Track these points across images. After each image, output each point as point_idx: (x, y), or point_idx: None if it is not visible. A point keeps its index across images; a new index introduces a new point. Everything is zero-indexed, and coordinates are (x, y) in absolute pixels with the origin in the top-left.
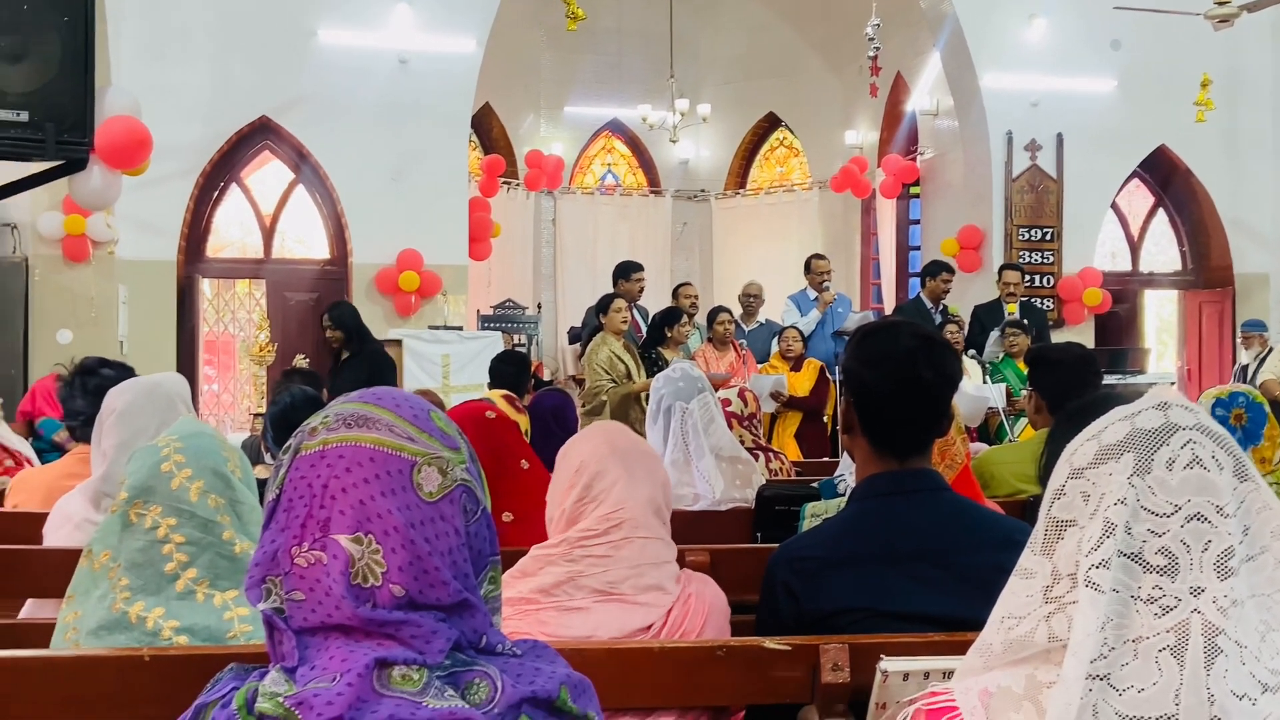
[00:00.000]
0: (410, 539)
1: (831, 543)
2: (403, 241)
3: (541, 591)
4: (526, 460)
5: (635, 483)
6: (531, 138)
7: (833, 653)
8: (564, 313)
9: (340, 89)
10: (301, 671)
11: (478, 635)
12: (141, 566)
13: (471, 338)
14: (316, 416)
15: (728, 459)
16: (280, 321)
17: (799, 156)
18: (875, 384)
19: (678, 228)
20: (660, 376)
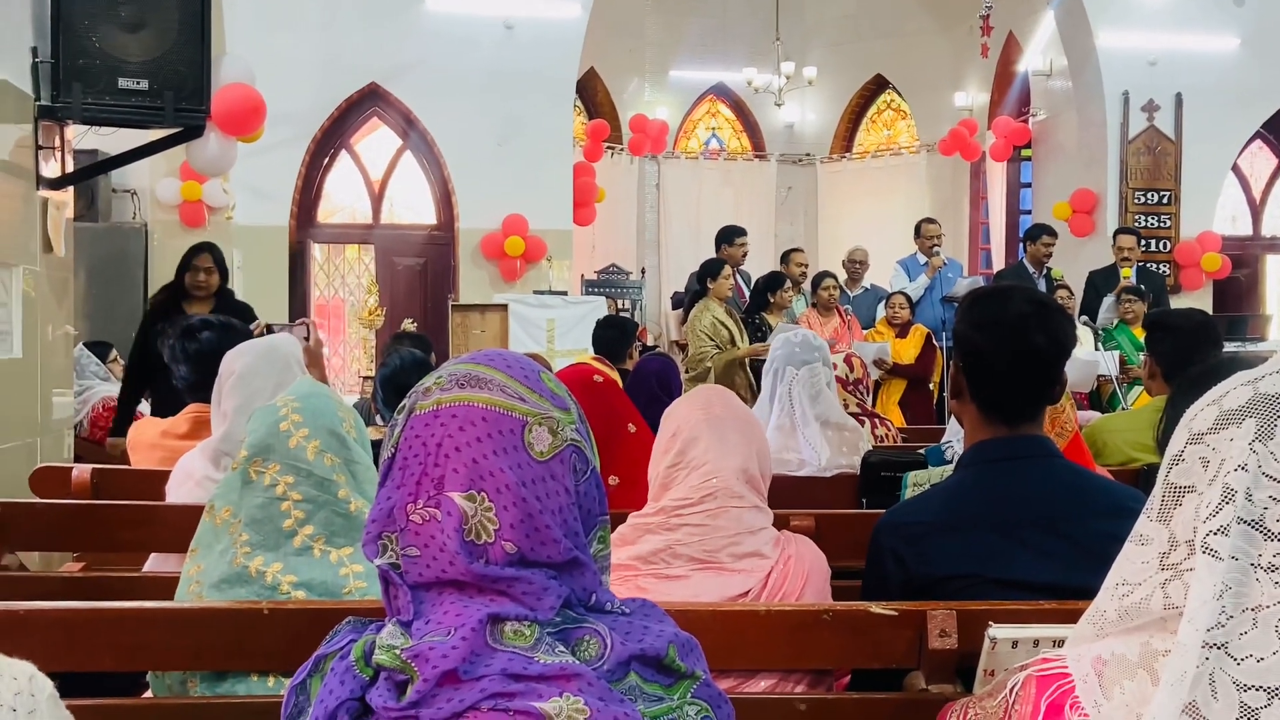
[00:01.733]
0: (522, 497)
1: (940, 508)
2: (508, 207)
3: (640, 559)
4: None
5: (727, 451)
6: (636, 102)
7: (940, 619)
8: (667, 278)
9: (447, 55)
10: (417, 625)
11: (587, 593)
12: (261, 523)
13: (576, 302)
14: (430, 377)
15: (834, 426)
16: (388, 286)
17: (906, 119)
18: (986, 349)
19: (782, 192)
20: (781, 338)
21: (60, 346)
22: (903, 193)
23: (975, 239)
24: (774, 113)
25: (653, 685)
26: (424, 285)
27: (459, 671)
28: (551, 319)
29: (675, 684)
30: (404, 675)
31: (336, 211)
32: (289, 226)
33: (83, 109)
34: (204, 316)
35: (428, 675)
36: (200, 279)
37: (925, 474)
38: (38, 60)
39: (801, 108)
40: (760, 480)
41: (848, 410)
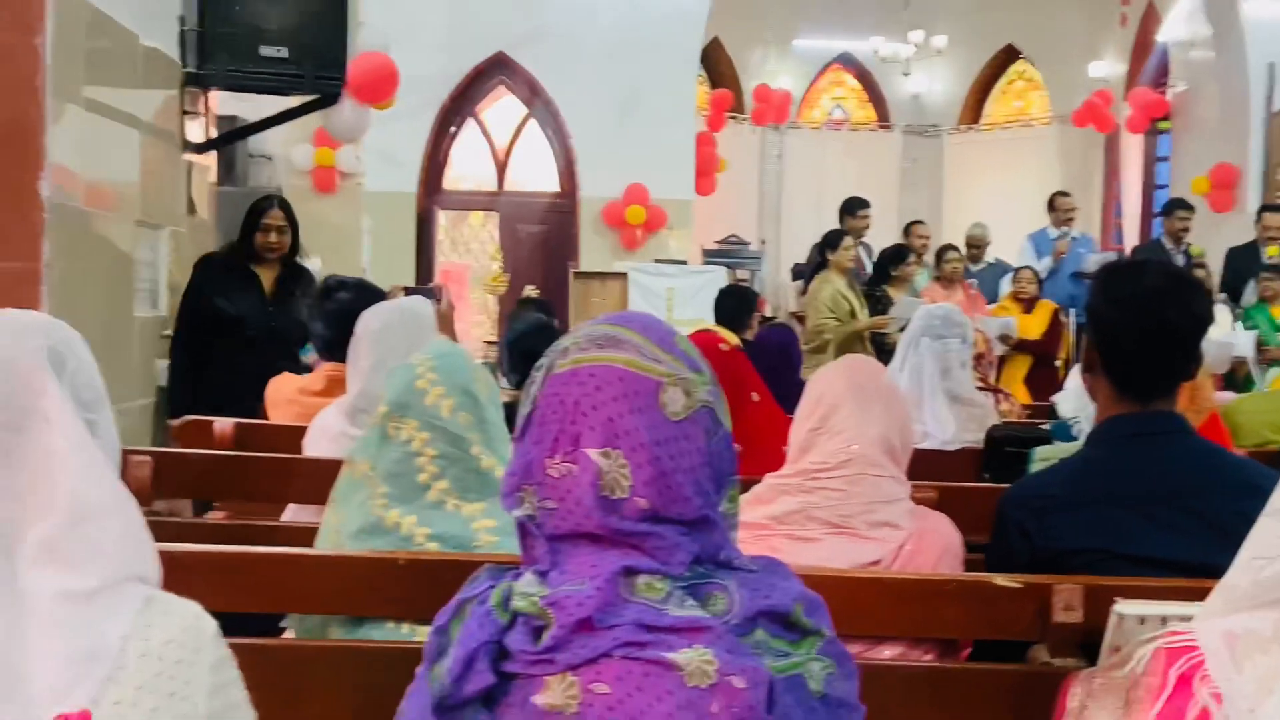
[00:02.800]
0: (656, 455)
1: (1068, 482)
2: (630, 176)
3: (775, 519)
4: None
5: (868, 420)
6: (760, 72)
7: (1065, 593)
8: (787, 249)
9: (573, 24)
10: (553, 575)
11: (717, 550)
12: (397, 477)
13: (696, 272)
14: (568, 337)
15: (962, 401)
16: (511, 252)
17: (1038, 90)
18: (1119, 323)
19: (906, 164)
20: (922, 310)
21: None
22: (1032, 166)
23: (1108, 214)
24: (900, 83)
25: (778, 641)
26: (545, 252)
27: (593, 620)
28: (671, 288)
29: (801, 640)
30: (540, 621)
31: (462, 179)
32: (416, 193)
33: (226, 75)
34: (339, 277)
35: (564, 622)
36: (272, 240)
37: (1052, 449)
38: (184, 28)
39: (929, 78)
40: (900, 452)
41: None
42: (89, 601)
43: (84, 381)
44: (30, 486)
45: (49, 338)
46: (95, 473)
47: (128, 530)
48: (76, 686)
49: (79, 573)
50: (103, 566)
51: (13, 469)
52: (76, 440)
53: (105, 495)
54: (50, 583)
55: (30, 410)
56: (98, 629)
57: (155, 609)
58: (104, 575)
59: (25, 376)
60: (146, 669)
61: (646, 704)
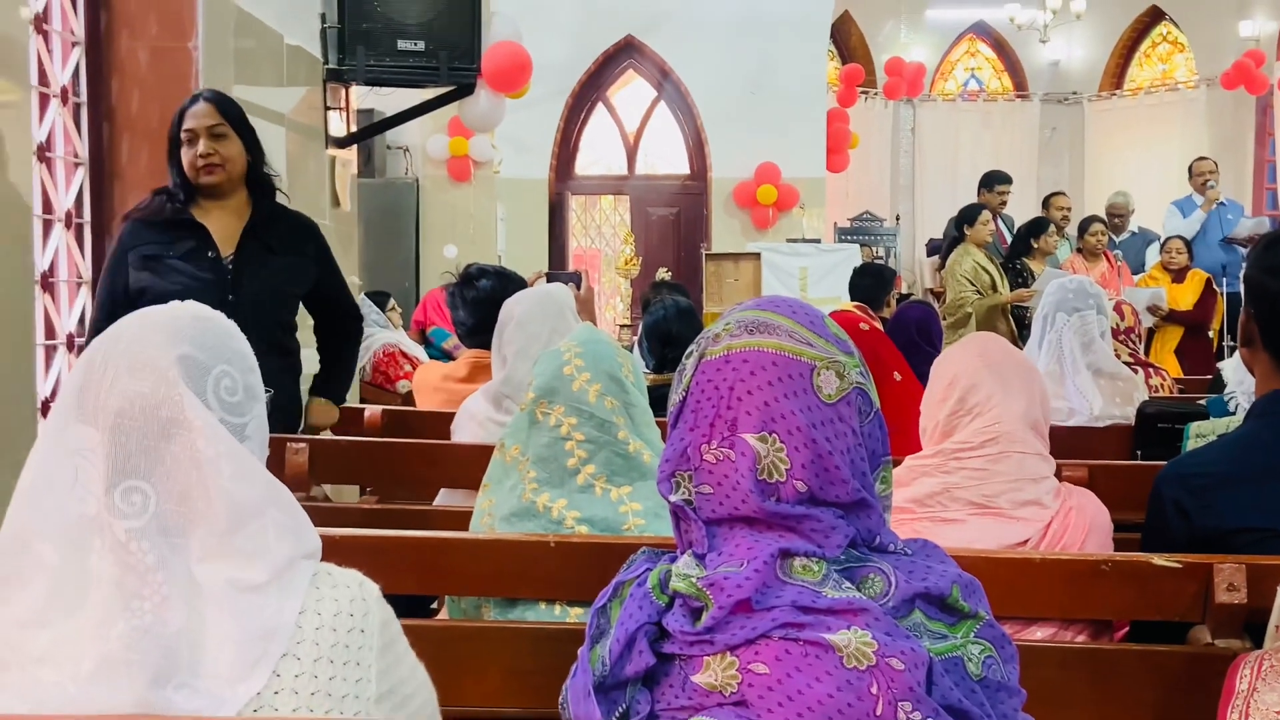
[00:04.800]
0: (812, 438)
1: (1228, 459)
2: (761, 155)
3: (916, 502)
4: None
5: (1010, 396)
6: (891, 44)
7: (1228, 572)
8: (922, 225)
9: (700, 5)
10: (710, 558)
11: (872, 534)
12: (547, 461)
13: (829, 250)
14: (719, 324)
15: (1107, 375)
16: (642, 236)
17: (1184, 52)
18: (1277, 294)
19: (1046, 134)
20: (1055, 283)
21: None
22: (1178, 131)
23: (1261, 178)
24: (1038, 50)
25: (936, 623)
26: (677, 234)
27: (751, 601)
28: (804, 267)
29: (959, 623)
30: (699, 602)
31: (593, 163)
32: (548, 179)
33: (366, 70)
34: (481, 265)
35: (722, 603)
36: (203, 152)
37: (1209, 425)
38: (325, 26)
39: (1068, 44)
40: (1043, 426)
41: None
42: (261, 591)
43: (229, 385)
44: (186, 493)
45: (194, 344)
46: (246, 473)
47: (284, 520)
48: (257, 667)
49: (248, 569)
50: (269, 560)
51: (169, 475)
52: (224, 446)
53: (258, 493)
54: (222, 574)
55: (174, 420)
56: (273, 610)
57: (324, 583)
58: (271, 567)
59: (168, 387)
60: (324, 640)
61: (805, 684)
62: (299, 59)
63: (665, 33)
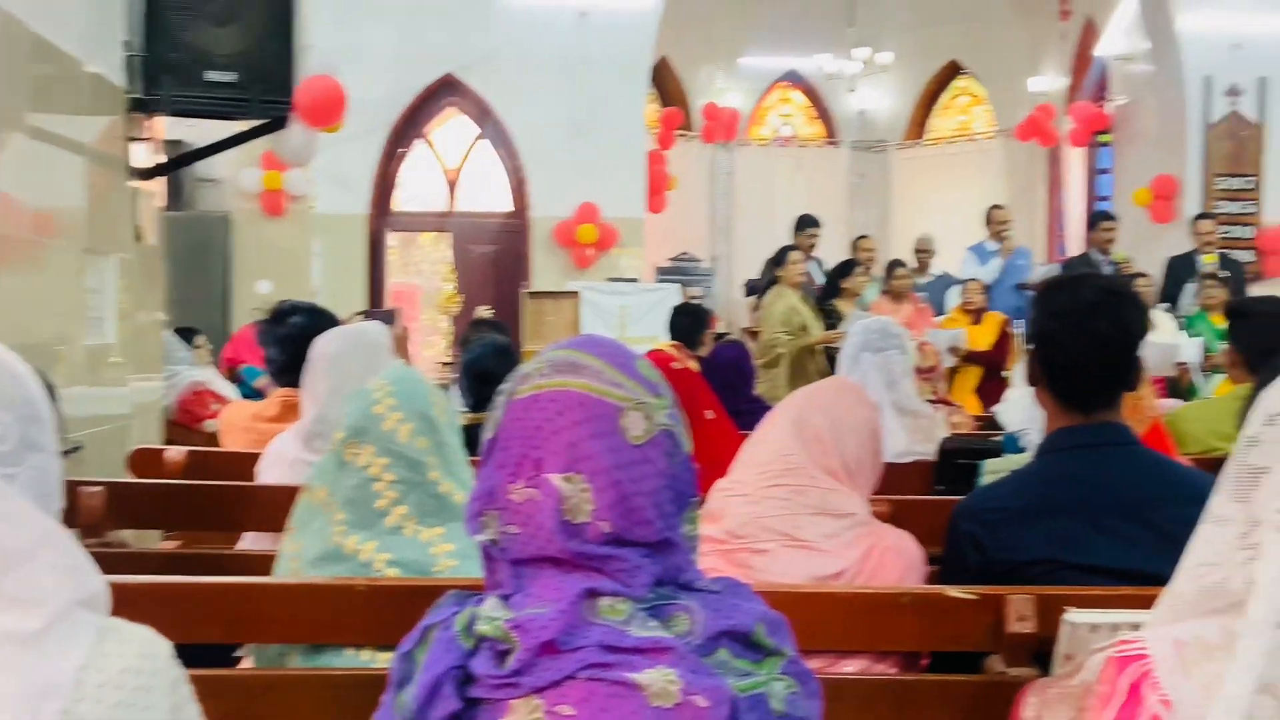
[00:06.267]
0: (617, 479)
1: (1019, 494)
2: (581, 195)
3: (731, 534)
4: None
5: (805, 438)
6: (708, 90)
7: (1018, 603)
8: (739, 265)
9: (522, 44)
10: (516, 599)
11: (678, 572)
12: (356, 503)
13: (648, 289)
14: (531, 363)
15: (910, 413)
16: (462, 273)
17: (982, 104)
18: (1056, 336)
19: (855, 179)
20: (859, 324)
21: (150, 333)
22: (977, 180)
23: (1053, 226)
24: (847, 99)
25: (741, 661)
26: (498, 272)
27: (558, 642)
28: (624, 306)
29: (763, 660)
30: (505, 645)
31: (413, 200)
32: (367, 215)
33: (172, 101)
34: (293, 301)
35: (528, 645)
36: None
37: (1002, 461)
38: (129, 54)
39: (875, 94)
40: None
41: (922, 398)
42: (37, 641)
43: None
44: None
45: None
46: (14, 518)
47: (60, 561)
48: None
49: (22, 617)
50: (45, 606)
51: None
52: None
53: (29, 537)
54: None
55: None
56: (50, 665)
57: (110, 638)
58: (47, 614)
59: None
60: (107, 698)
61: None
62: (100, 88)
63: (486, 71)
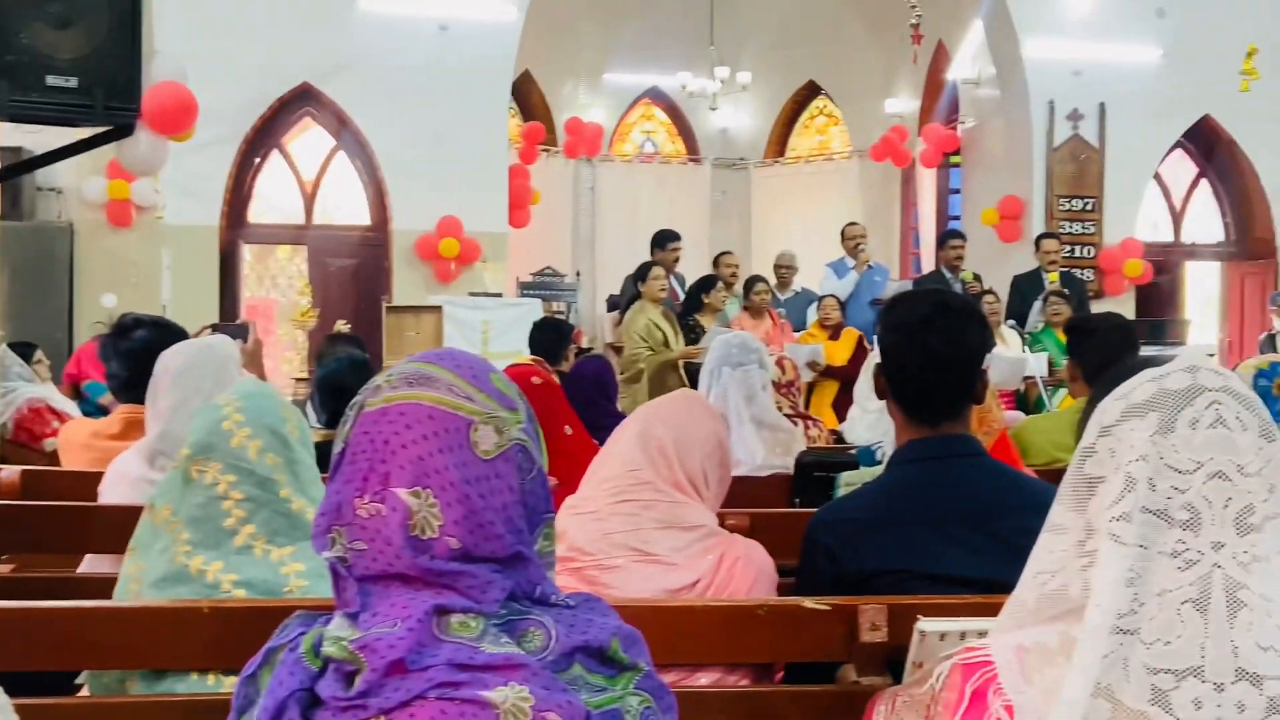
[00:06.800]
0: (466, 494)
1: (871, 506)
2: (443, 208)
3: (579, 550)
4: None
5: (650, 451)
6: (571, 105)
7: (871, 613)
8: (602, 280)
9: (381, 56)
10: (364, 618)
11: (532, 586)
12: (201, 522)
13: (511, 304)
14: (382, 375)
15: (769, 427)
16: (320, 287)
17: (839, 125)
18: (897, 351)
19: (717, 196)
20: (719, 339)
21: None
22: (835, 198)
23: (906, 244)
24: (708, 117)
25: (596, 676)
26: (357, 286)
27: (406, 662)
28: (486, 321)
29: (618, 675)
30: (352, 666)
31: (268, 212)
32: (219, 226)
33: (9, 106)
34: (136, 315)
35: (375, 665)
36: None
37: (857, 474)
38: None
39: (736, 112)
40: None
41: (781, 412)
42: None
43: None
44: None
45: None
46: None
47: None
48: None
49: None
50: None
51: None
52: None
53: None
54: None
55: None
56: None
57: None
58: None
59: None
60: None
61: None
62: None
63: (344, 81)
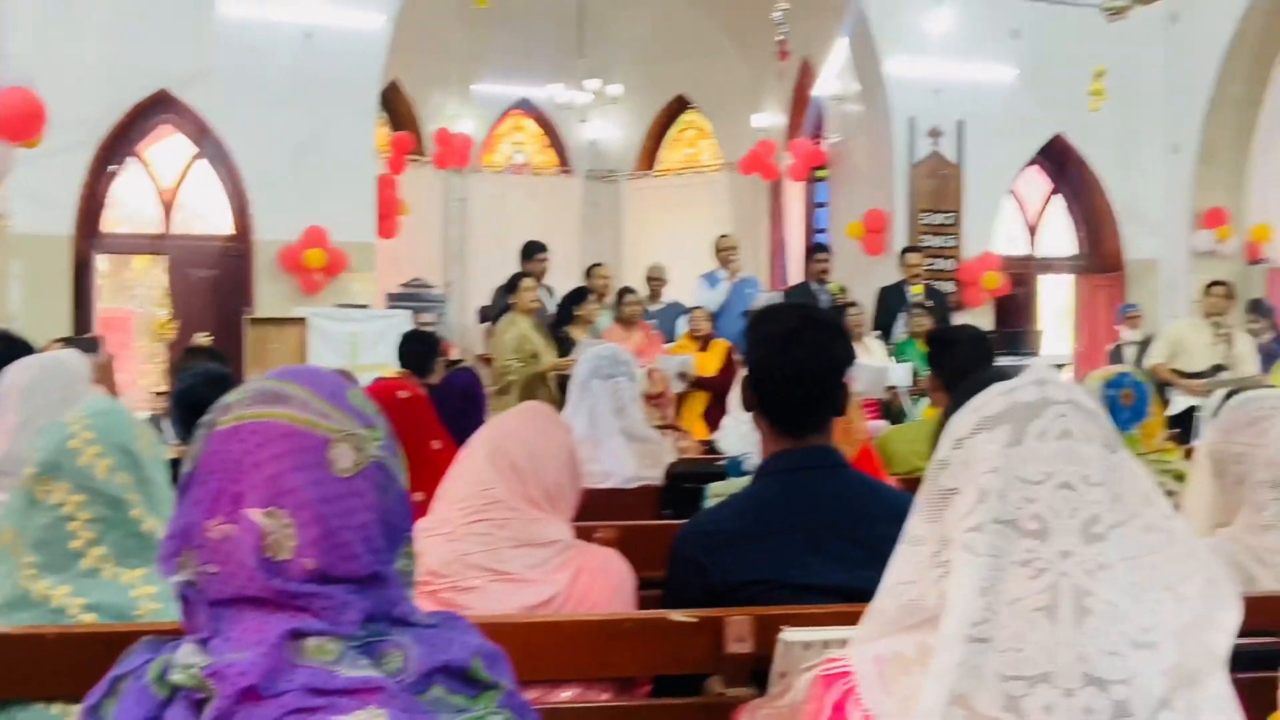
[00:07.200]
0: (322, 513)
1: (737, 517)
2: (308, 218)
3: (434, 574)
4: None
5: (501, 469)
6: (440, 115)
7: (737, 624)
8: (473, 292)
9: (244, 63)
10: (215, 643)
11: (391, 607)
12: (47, 544)
13: (379, 316)
14: (232, 394)
15: (639, 439)
16: (180, 299)
17: (708, 139)
18: (762, 364)
19: (588, 208)
20: (589, 352)
21: None
22: (705, 210)
23: (776, 256)
24: (579, 129)
25: (457, 697)
26: (218, 298)
27: (259, 688)
28: (353, 333)
29: (480, 695)
30: (202, 694)
31: (124, 221)
32: (72, 236)
33: None
34: None
35: (227, 693)
36: None
37: (725, 485)
38: None
39: (606, 125)
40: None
41: (651, 424)
42: None
43: None
44: None
45: None
46: None
47: None
48: None
49: None
50: None
51: None
52: None
53: None
54: None
55: None
56: None
57: None
58: None
59: None
60: None
61: None
62: None
63: (205, 88)
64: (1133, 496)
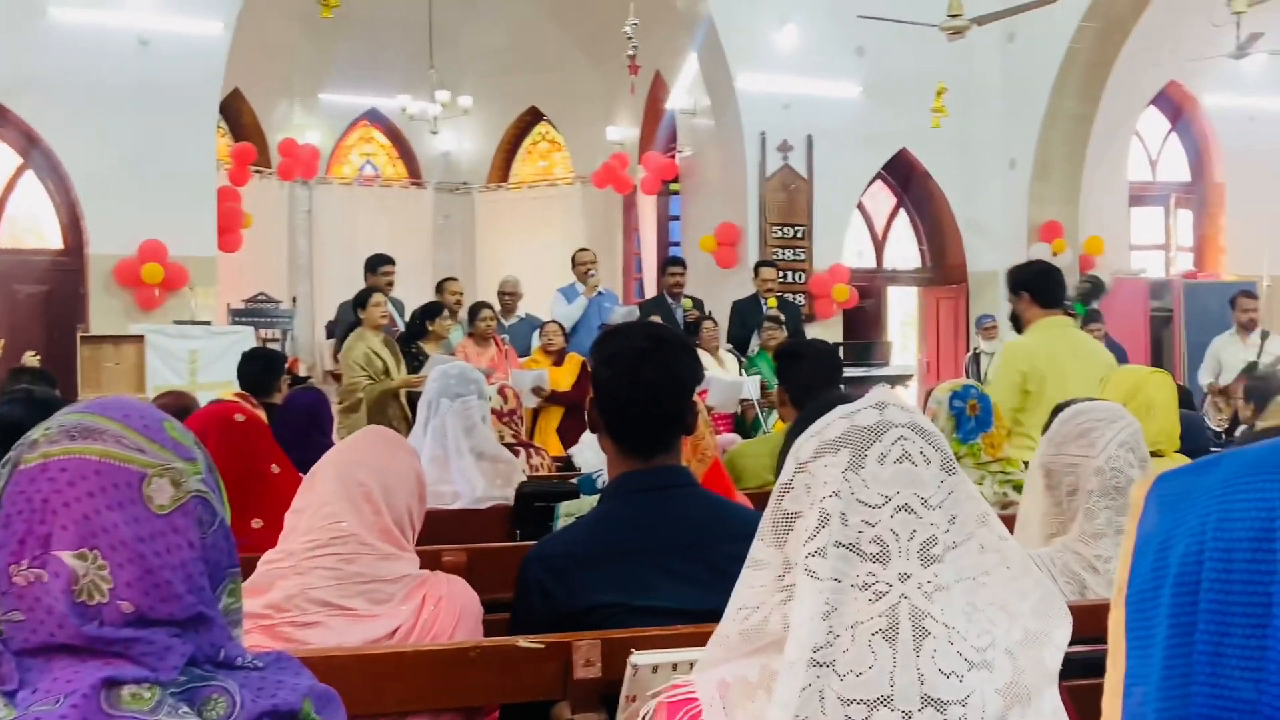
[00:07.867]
0: (140, 553)
1: (584, 540)
2: (145, 231)
3: (274, 607)
4: (277, 464)
5: (353, 501)
6: (285, 125)
7: (585, 649)
8: (321, 306)
9: (75, 70)
10: (22, 695)
11: (216, 649)
12: None
13: (221, 333)
14: (38, 429)
15: (489, 458)
16: (6, 316)
17: (561, 151)
18: (612, 385)
19: (440, 220)
20: (437, 370)
21: None
22: (559, 223)
23: (629, 269)
24: (430, 141)
25: None
26: (48, 315)
27: None
28: (194, 350)
29: None
30: None
31: None
32: None
33: None
34: None
35: None
36: None
37: (577, 504)
38: None
39: (458, 136)
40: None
41: (503, 441)
42: None
43: None
44: None
45: None
46: None
47: None
48: None
49: None
50: None
51: None
52: None
53: None
54: None
55: None
56: None
57: None
58: None
59: None
60: None
61: None
62: None
63: (32, 96)
64: (968, 518)
